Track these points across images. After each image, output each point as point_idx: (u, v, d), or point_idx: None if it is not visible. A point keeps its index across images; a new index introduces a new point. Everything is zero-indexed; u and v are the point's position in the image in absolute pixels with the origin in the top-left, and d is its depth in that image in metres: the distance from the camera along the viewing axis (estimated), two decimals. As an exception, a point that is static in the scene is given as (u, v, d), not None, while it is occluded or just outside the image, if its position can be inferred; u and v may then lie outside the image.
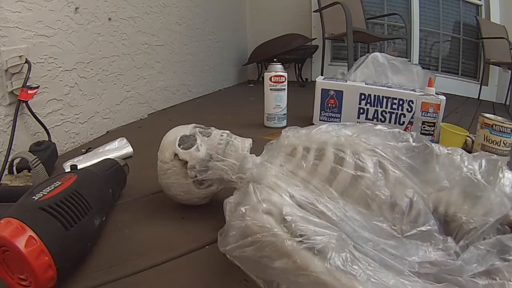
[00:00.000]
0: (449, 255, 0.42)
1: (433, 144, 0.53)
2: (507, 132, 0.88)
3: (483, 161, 0.51)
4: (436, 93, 1.06)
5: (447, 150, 0.53)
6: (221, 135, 0.63)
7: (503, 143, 0.89)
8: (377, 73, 1.35)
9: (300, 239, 0.39)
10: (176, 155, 0.60)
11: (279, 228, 0.40)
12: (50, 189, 0.49)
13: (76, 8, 1.08)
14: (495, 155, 0.52)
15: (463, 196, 0.49)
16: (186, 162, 0.60)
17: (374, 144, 0.52)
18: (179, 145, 0.61)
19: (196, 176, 0.60)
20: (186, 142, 0.61)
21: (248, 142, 0.64)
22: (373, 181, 0.47)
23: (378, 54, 1.41)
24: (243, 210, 0.44)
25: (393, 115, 1.23)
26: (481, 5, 2.70)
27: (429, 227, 0.45)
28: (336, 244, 0.38)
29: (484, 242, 0.42)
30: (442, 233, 0.46)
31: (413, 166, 0.50)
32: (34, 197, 0.47)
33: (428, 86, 1.07)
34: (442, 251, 0.42)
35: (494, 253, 0.40)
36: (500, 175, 0.49)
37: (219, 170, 0.59)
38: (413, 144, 0.52)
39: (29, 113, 0.91)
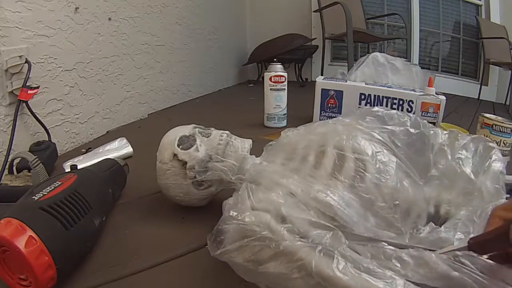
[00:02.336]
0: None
1: (431, 132, 0.53)
2: (507, 132, 0.88)
3: (480, 146, 0.51)
4: (436, 93, 1.06)
5: (442, 138, 0.53)
6: (221, 136, 0.63)
7: (503, 143, 0.89)
8: (377, 73, 1.35)
9: (288, 241, 0.38)
10: (175, 155, 0.60)
11: (268, 231, 0.40)
12: (50, 189, 0.49)
13: (76, 8, 1.08)
14: (493, 142, 0.52)
15: (460, 193, 0.48)
16: (185, 163, 0.59)
17: (371, 127, 0.51)
18: (178, 146, 0.60)
19: (195, 177, 0.59)
20: (186, 142, 0.61)
21: (248, 143, 0.63)
22: (373, 165, 0.46)
23: (378, 54, 1.41)
24: (232, 213, 0.43)
25: (393, 115, 1.23)
26: (481, 5, 2.70)
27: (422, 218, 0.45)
28: (329, 244, 0.37)
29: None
30: None
31: (408, 153, 0.50)
32: (34, 197, 0.47)
33: (428, 86, 1.07)
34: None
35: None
36: (486, 167, 0.49)
37: (218, 171, 0.58)
38: (411, 130, 0.52)
39: (29, 113, 0.91)
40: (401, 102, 1.21)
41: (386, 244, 0.39)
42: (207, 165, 0.59)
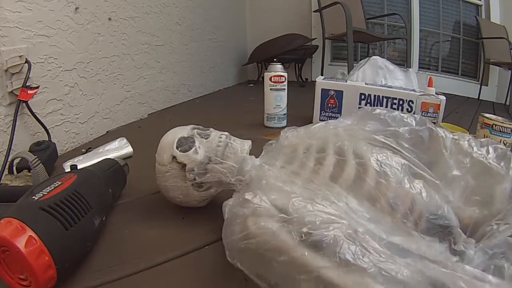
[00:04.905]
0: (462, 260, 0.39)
1: (438, 128, 0.51)
2: (507, 132, 0.88)
3: (490, 148, 0.49)
4: (436, 93, 1.06)
5: (453, 135, 0.51)
6: (220, 137, 0.62)
7: (503, 143, 0.89)
8: (377, 75, 1.36)
9: (306, 230, 0.37)
10: (174, 157, 0.59)
11: (276, 240, 0.39)
12: (50, 189, 0.49)
13: (76, 8, 1.08)
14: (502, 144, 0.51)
15: (494, 192, 0.46)
16: (185, 165, 0.59)
17: (374, 131, 0.50)
18: (177, 148, 0.60)
19: (194, 179, 0.59)
20: (184, 144, 0.60)
21: (247, 144, 0.63)
22: (378, 171, 0.45)
23: (378, 58, 1.42)
24: (247, 197, 0.42)
25: (393, 115, 1.23)
26: (481, 5, 2.70)
27: (448, 222, 0.42)
28: (345, 235, 0.36)
29: (492, 244, 0.40)
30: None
31: (417, 152, 0.48)
32: (34, 197, 0.47)
33: (428, 86, 1.07)
34: (456, 255, 0.40)
35: (498, 253, 0.38)
36: None
37: (218, 173, 0.58)
38: (416, 127, 0.50)
39: (29, 113, 0.91)
40: (401, 102, 1.21)
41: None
42: (206, 167, 0.59)
